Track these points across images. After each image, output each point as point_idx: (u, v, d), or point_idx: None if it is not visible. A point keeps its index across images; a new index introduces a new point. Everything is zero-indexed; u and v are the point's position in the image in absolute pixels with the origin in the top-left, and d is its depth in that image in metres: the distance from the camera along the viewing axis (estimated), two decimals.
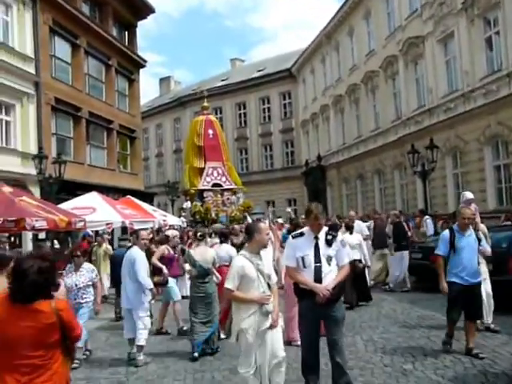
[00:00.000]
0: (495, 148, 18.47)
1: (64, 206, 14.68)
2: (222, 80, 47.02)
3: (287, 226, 14.20)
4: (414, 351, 6.88)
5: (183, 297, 10.32)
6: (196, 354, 7.05)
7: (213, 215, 21.69)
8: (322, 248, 4.93)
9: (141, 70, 31.45)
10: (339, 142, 33.25)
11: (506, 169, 17.97)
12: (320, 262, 4.88)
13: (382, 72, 26.22)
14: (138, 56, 30.70)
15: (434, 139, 18.68)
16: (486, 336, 7.40)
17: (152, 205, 25.42)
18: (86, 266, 7.48)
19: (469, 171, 19.52)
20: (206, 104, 24.86)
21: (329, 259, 4.92)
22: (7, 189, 11.37)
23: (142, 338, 6.97)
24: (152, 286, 7.28)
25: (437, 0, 20.80)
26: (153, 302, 7.96)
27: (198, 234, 8.13)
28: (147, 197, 28.15)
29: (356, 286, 10.11)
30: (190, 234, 15.06)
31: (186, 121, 46.72)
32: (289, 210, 21.11)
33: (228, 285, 4.78)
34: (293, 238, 5.18)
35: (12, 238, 19.18)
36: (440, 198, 21.27)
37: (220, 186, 23.00)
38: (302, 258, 4.93)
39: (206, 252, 7.74)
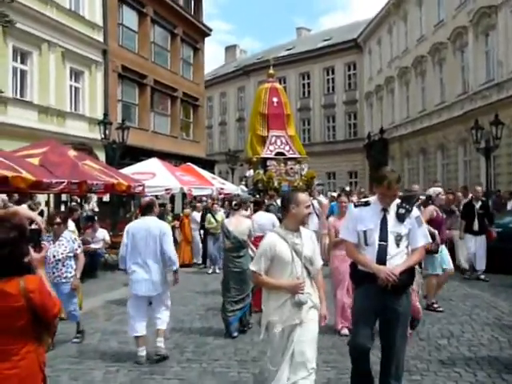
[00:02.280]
0: None
1: (126, 170, 15.31)
2: (287, 49, 46.64)
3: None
4: (453, 327, 6.91)
5: None
6: (235, 334, 6.66)
7: (275, 184, 21.62)
8: (390, 223, 4.01)
9: (207, 38, 31.86)
10: (403, 116, 32.49)
11: None
12: (386, 240, 3.97)
13: (451, 44, 25.22)
14: (204, 25, 31.00)
15: (503, 115, 17.97)
16: None
17: (213, 172, 25.97)
18: (67, 234, 6.44)
19: None
20: (271, 71, 24.44)
21: (398, 238, 3.99)
22: (72, 152, 12.06)
23: (166, 320, 5.94)
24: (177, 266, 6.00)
25: None
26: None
27: (233, 202, 7.53)
28: (208, 164, 28.77)
29: None
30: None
31: (249, 90, 46.90)
32: (347, 188, 20.73)
33: (253, 266, 4.01)
34: (355, 206, 4.26)
35: (78, 200, 20.33)
36: (505, 177, 20.52)
37: (283, 155, 22.87)
38: (364, 233, 4.05)
39: (241, 223, 7.11)
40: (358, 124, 41.42)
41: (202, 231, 14.41)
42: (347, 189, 18.86)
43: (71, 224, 8.62)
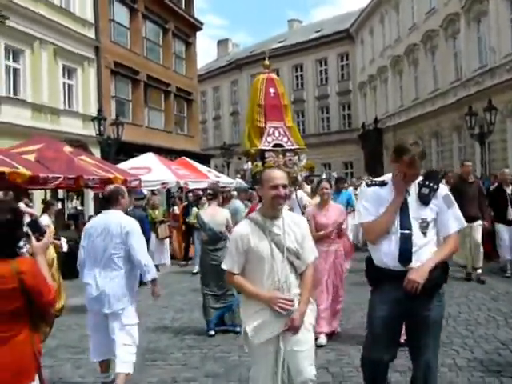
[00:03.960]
0: None
1: (121, 166, 15.32)
2: (279, 42, 46.55)
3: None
4: (451, 309, 6.96)
5: None
6: (212, 332, 6.25)
7: None
8: (413, 207, 3.23)
9: (199, 33, 31.79)
10: (397, 105, 32.54)
11: None
12: (410, 228, 3.18)
13: (443, 31, 25.25)
14: (195, 19, 30.90)
15: (496, 101, 18.04)
16: None
17: (209, 167, 25.96)
18: None
19: None
20: (267, 62, 24.23)
21: (424, 225, 3.21)
22: (67, 148, 12.05)
23: (130, 360, 4.38)
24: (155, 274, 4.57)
25: None
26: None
27: (208, 191, 7.04)
28: (203, 159, 28.70)
29: None
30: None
31: (243, 84, 46.91)
32: (334, 174, 20.73)
33: (225, 264, 3.29)
34: (368, 186, 3.43)
35: (75, 197, 20.36)
36: (500, 162, 20.56)
37: (282, 146, 22.74)
38: None
39: (217, 213, 6.65)
40: (352, 114, 41.44)
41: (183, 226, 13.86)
42: (334, 174, 18.62)
43: (46, 218, 8.23)
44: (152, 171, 15.73)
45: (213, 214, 6.59)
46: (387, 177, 3.41)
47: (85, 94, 20.86)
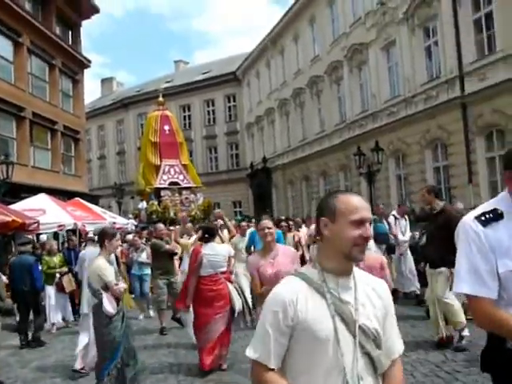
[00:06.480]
0: (435, 150, 19.48)
1: (13, 208, 14.30)
2: (167, 82, 46.75)
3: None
4: None
5: None
6: None
7: (171, 214, 21.04)
8: None
9: (85, 71, 30.95)
10: (284, 145, 33.88)
11: (445, 170, 18.99)
12: None
13: (327, 77, 26.99)
14: (83, 56, 30.14)
15: (380, 142, 19.50)
16: None
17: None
18: None
19: (411, 172, 20.49)
20: (161, 99, 24.26)
21: None
22: None
23: None
24: None
25: (379, 9, 21.71)
26: None
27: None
28: (92, 199, 27.63)
29: None
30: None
31: (128, 123, 46.35)
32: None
33: (253, 350, 1.88)
34: (483, 223, 2.08)
35: None
36: (384, 199, 22.11)
37: (178, 184, 22.42)
38: None
39: (96, 264, 5.18)
40: (240, 154, 42.48)
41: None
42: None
43: None
44: (47, 213, 14.84)
45: (94, 266, 5.17)
46: (499, 202, 2.15)
47: None
